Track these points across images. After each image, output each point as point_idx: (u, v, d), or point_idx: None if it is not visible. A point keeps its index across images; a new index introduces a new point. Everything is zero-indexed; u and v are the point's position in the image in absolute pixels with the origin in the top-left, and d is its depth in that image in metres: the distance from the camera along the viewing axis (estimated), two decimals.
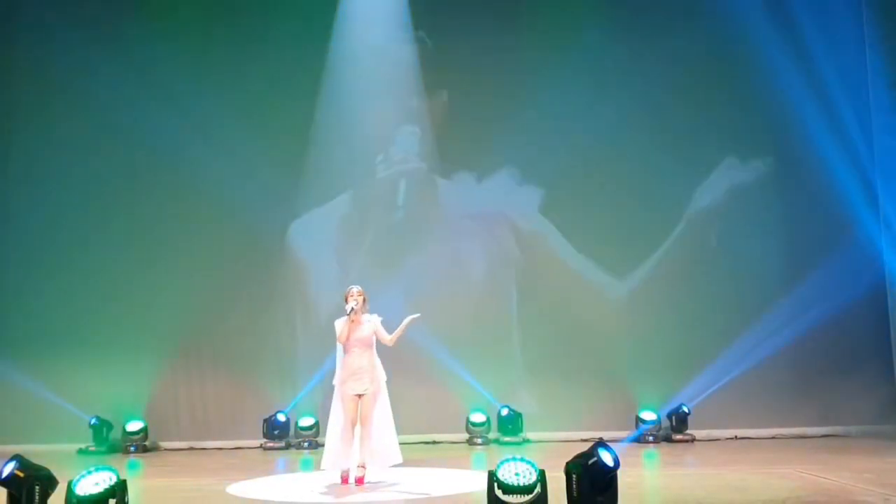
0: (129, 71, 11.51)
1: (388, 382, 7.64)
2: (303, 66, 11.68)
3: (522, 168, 11.60)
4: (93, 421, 10.80)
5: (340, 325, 7.52)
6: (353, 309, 7.45)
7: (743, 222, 11.56)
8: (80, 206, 11.49)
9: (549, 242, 11.58)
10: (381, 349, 7.66)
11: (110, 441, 10.83)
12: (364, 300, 7.59)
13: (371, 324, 7.56)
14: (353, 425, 7.42)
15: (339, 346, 7.58)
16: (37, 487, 5.24)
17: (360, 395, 7.43)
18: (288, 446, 10.82)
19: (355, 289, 7.63)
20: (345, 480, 7.36)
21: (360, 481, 7.34)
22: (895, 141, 11.22)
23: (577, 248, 11.54)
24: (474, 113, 11.63)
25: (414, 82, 11.82)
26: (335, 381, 7.62)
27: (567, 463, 5.51)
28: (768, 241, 11.55)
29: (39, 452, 7.09)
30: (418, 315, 7.58)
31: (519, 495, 5.36)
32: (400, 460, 7.65)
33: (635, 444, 10.61)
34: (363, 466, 7.41)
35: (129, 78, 11.50)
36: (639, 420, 10.92)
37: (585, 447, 5.57)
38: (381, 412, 7.57)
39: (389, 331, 7.56)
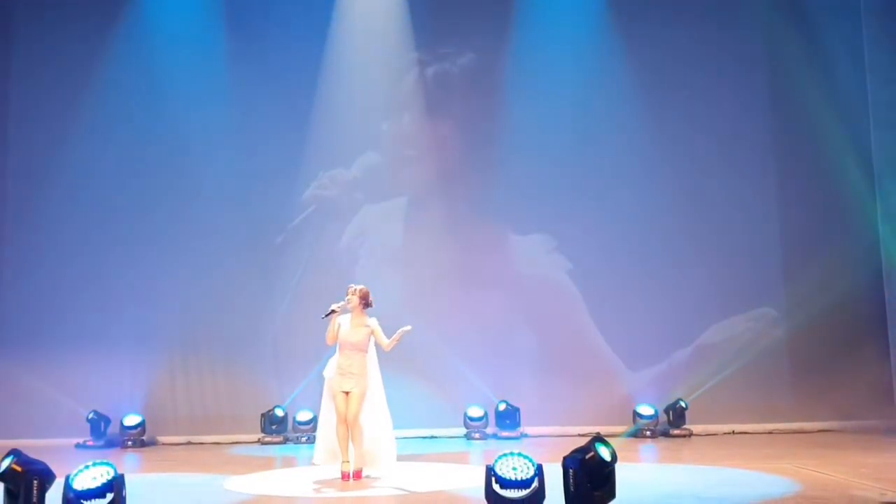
0: (125, 60, 11.54)
1: (384, 377, 7.63)
2: (301, 61, 11.69)
3: (523, 165, 11.60)
4: (90, 415, 10.80)
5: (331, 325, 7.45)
6: (332, 310, 7.30)
7: (740, 215, 11.55)
8: (77, 200, 11.50)
9: (548, 234, 11.58)
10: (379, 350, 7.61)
11: (108, 436, 10.84)
12: (362, 300, 7.43)
13: (367, 328, 7.40)
14: (345, 420, 7.37)
15: (337, 344, 7.52)
16: (34, 482, 5.22)
17: (347, 392, 7.37)
18: (286, 441, 10.84)
19: (351, 287, 7.51)
20: (345, 477, 7.34)
21: (357, 475, 7.33)
22: (892, 136, 11.21)
23: (576, 241, 11.53)
24: (476, 121, 11.73)
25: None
26: (324, 373, 7.59)
27: (564, 457, 5.51)
28: (765, 234, 11.55)
29: (37, 447, 7.09)
30: (410, 328, 7.32)
31: (516, 490, 5.35)
32: (393, 465, 7.57)
33: (633, 439, 10.62)
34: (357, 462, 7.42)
35: (124, 68, 11.54)
36: (636, 415, 10.94)
37: (583, 442, 5.58)
38: (377, 415, 7.50)
39: (387, 334, 7.36)
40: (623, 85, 11.54)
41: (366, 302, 7.45)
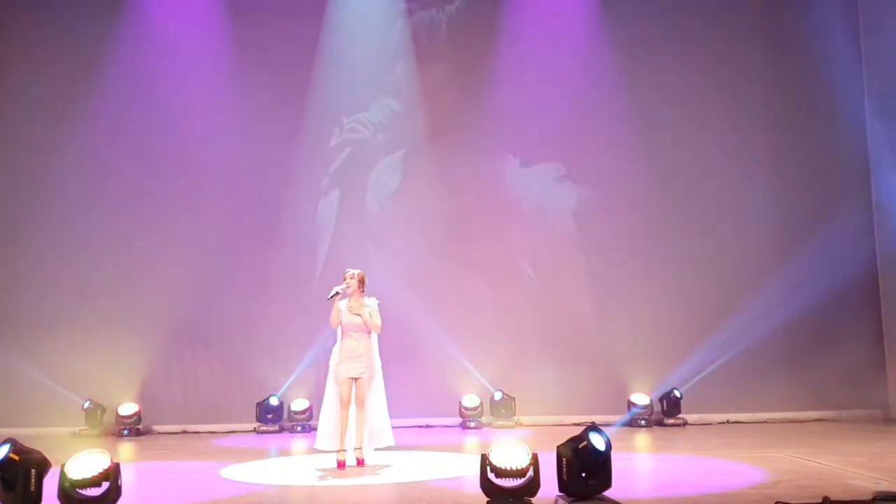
0: (121, 42, 11.49)
1: (381, 366, 7.70)
2: (297, 44, 11.65)
3: (530, 150, 11.63)
4: (86, 405, 10.81)
5: (334, 310, 7.57)
6: (336, 293, 7.52)
7: (734, 205, 11.56)
8: (72, 188, 11.44)
9: (545, 226, 11.58)
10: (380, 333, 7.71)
11: (104, 424, 10.84)
12: (360, 284, 7.62)
13: (367, 308, 7.58)
14: (347, 407, 7.46)
15: (339, 328, 7.63)
16: (31, 471, 5.22)
17: (355, 379, 7.47)
18: (281, 430, 10.85)
19: (349, 272, 7.66)
20: (340, 466, 7.38)
21: (360, 463, 7.44)
22: (887, 125, 11.23)
23: (572, 233, 11.54)
24: (482, 92, 11.66)
25: (411, 55, 11.84)
26: (331, 361, 7.67)
27: (559, 446, 5.53)
28: (760, 223, 11.56)
29: (33, 436, 7.11)
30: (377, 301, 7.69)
31: (511, 479, 5.38)
32: (392, 443, 7.73)
33: (627, 428, 10.64)
34: (360, 448, 7.48)
35: (122, 52, 11.48)
36: (630, 404, 10.96)
37: (578, 431, 5.59)
38: (376, 396, 7.62)
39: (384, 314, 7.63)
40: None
41: (363, 285, 7.67)
